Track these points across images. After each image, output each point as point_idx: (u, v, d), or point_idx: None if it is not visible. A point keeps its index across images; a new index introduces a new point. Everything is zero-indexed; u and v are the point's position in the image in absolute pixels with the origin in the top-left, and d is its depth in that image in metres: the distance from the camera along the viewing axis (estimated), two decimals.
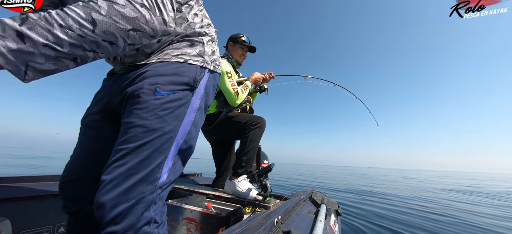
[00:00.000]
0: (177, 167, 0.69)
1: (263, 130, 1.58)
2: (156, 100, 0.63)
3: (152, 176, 0.59)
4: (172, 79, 0.66)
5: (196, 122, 0.73)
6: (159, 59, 0.69)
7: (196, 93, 0.72)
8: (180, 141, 0.67)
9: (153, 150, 0.60)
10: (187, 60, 0.71)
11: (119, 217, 0.54)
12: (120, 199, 0.55)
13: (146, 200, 0.58)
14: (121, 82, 0.70)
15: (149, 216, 0.58)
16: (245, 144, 1.50)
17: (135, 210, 0.56)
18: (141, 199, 0.57)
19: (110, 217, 0.54)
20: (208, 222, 1.21)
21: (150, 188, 0.59)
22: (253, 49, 1.85)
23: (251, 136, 1.51)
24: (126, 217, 0.55)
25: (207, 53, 0.78)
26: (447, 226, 3.29)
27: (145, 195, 0.57)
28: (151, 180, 0.59)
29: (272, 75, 1.95)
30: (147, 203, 0.58)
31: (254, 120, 1.55)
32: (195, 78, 0.71)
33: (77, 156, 0.74)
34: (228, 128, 1.62)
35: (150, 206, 0.59)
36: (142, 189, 0.57)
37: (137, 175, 0.57)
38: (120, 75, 0.74)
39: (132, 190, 0.56)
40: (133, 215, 0.55)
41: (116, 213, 0.54)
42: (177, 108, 0.66)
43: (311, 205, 1.53)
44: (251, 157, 1.50)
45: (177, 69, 0.68)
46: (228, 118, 1.62)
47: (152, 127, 0.61)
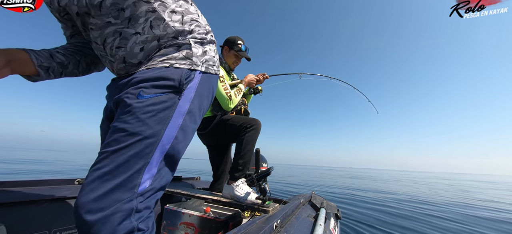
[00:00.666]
0: (163, 173, 0.65)
1: (259, 132, 1.57)
2: (138, 103, 0.61)
3: (130, 182, 0.56)
4: (156, 82, 0.65)
5: (185, 126, 0.70)
6: (146, 67, 0.69)
7: (185, 96, 0.69)
8: (166, 146, 0.64)
9: (131, 155, 0.57)
10: (173, 64, 0.69)
11: (94, 227, 0.51)
12: (94, 205, 0.52)
13: (123, 209, 0.54)
14: (114, 89, 0.72)
15: (131, 226, 0.56)
16: (241, 147, 1.49)
17: (111, 220, 0.53)
18: (117, 209, 0.53)
19: (86, 223, 0.51)
20: (206, 227, 1.19)
21: (128, 195, 0.56)
22: (248, 59, 1.83)
23: (246, 139, 1.50)
24: (101, 226, 0.52)
25: (195, 55, 0.74)
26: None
27: (121, 203, 0.54)
28: (129, 186, 0.56)
29: (266, 76, 1.93)
30: (126, 212, 0.55)
31: (249, 122, 1.54)
32: (181, 81, 0.68)
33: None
34: (223, 131, 1.62)
35: (131, 214, 0.56)
36: (118, 197, 0.54)
37: (113, 180, 0.54)
38: (115, 82, 0.76)
39: (107, 197, 0.53)
40: (109, 225, 0.52)
41: (91, 221, 0.51)
42: (160, 112, 0.63)
43: (311, 209, 1.52)
44: (247, 160, 1.49)
45: (162, 73, 0.67)
46: (223, 121, 1.61)
47: (133, 130, 0.59)
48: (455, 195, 8.63)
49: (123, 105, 0.63)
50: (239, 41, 1.76)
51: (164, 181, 0.66)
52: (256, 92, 2.00)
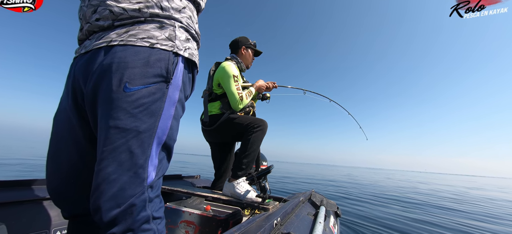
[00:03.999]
0: (164, 163, 0.67)
1: (265, 133, 1.58)
2: (127, 97, 0.58)
3: (138, 178, 0.57)
4: (142, 71, 0.60)
5: (177, 115, 0.69)
6: (122, 41, 0.62)
7: (173, 85, 0.66)
8: (162, 137, 0.63)
9: (130, 152, 0.57)
10: (153, 44, 0.63)
11: (116, 220, 0.54)
12: (112, 203, 0.54)
13: (139, 201, 0.57)
14: (84, 70, 0.64)
15: (146, 215, 0.58)
16: (246, 146, 1.49)
17: (130, 212, 0.55)
18: (133, 202, 0.56)
19: (107, 220, 0.54)
20: (207, 225, 1.20)
21: (140, 189, 0.57)
22: (259, 53, 1.92)
23: (252, 138, 1.50)
24: (122, 220, 0.55)
25: (179, 38, 0.69)
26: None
27: (136, 197, 0.56)
28: (139, 181, 0.57)
29: (275, 85, 1.96)
30: (141, 204, 0.57)
31: (257, 122, 1.54)
32: (168, 68, 0.64)
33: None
34: (229, 130, 1.61)
35: (145, 205, 0.58)
36: (131, 192, 0.56)
37: (120, 178, 0.55)
38: (81, 59, 0.67)
39: (121, 194, 0.55)
40: (129, 217, 0.55)
41: (112, 216, 0.54)
42: (152, 104, 0.61)
43: (310, 207, 1.53)
44: (251, 159, 1.49)
45: (146, 58, 0.61)
46: (230, 119, 1.60)
47: (126, 127, 0.57)
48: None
49: (107, 98, 0.58)
50: (249, 40, 1.83)
51: (166, 169, 0.68)
52: (264, 99, 2.03)
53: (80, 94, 0.66)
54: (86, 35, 0.69)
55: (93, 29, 0.67)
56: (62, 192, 0.71)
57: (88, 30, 0.68)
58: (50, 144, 0.72)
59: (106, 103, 0.58)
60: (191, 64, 0.75)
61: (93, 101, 0.62)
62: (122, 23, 0.65)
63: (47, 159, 0.71)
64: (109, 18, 0.65)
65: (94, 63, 0.62)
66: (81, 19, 0.71)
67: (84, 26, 0.69)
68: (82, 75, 0.64)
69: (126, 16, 0.64)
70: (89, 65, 0.63)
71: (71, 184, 0.70)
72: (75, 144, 0.70)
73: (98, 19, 0.65)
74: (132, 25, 0.65)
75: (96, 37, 0.66)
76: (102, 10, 0.64)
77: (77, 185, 0.70)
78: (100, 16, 0.65)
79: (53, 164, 0.71)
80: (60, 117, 0.72)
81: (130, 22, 0.65)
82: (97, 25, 0.66)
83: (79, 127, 0.69)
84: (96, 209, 0.55)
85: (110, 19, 0.65)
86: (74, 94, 0.68)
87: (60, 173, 0.70)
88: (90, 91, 0.61)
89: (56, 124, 0.72)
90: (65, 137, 0.70)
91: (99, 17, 0.65)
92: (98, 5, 0.65)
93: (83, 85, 0.64)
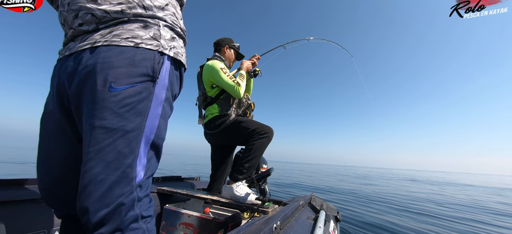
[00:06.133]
0: (152, 162, 0.66)
1: (270, 140, 1.56)
2: (112, 97, 0.57)
3: (126, 177, 0.57)
4: (127, 71, 0.60)
5: (164, 114, 0.68)
6: (106, 41, 0.61)
7: (159, 84, 0.65)
8: (150, 136, 0.63)
9: (118, 151, 0.56)
10: (138, 43, 0.63)
11: (104, 220, 0.54)
12: (100, 204, 0.53)
13: (127, 201, 0.56)
14: (69, 73, 0.63)
15: (135, 214, 0.58)
16: (250, 151, 1.47)
17: (118, 211, 0.55)
18: (121, 202, 0.55)
19: (95, 221, 0.53)
20: (206, 227, 1.19)
21: (128, 188, 0.57)
22: (242, 56, 1.93)
23: (257, 144, 1.48)
24: (110, 220, 0.54)
25: (163, 37, 0.68)
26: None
27: (124, 196, 0.56)
28: (127, 181, 0.57)
29: (258, 56, 1.96)
30: (130, 203, 0.57)
31: (263, 128, 1.53)
32: (153, 67, 0.63)
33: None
34: (235, 133, 1.58)
35: (134, 204, 0.58)
36: (120, 192, 0.55)
37: (108, 178, 0.54)
38: (65, 61, 0.66)
39: (109, 194, 0.54)
40: (117, 217, 0.55)
41: (99, 217, 0.53)
42: (138, 104, 0.60)
43: (310, 211, 1.52)
44: (253, 165, 1.48)
45: (131, 58, 0.61)
46: (237, 122, 1.58)
47: (113, 127, 0.56)
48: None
49: (93, 99, 0.57)
50: (232, 41, 1.86)
51: (155, 167, 0.68)
52: (256, 75, 2.02)
53: (65, 97, 0.66)
54: (71, 40, 0.69)
55: (77, 34, 0.67)
56: (54, 192, 0.71)
57: (73, 35, 0.67)
58: (39, 146, 0.72)
59: (91, 103, 0.57)
60: (177, 63, 0.74)
61: (78, 103, 0.61)
62: (106, 25, 0.64)
63: (38, 161, 0.72)
64: (93, 22, 0.64)
65: (78, 65, 0.61)
66: (63, 25, 0.70)
67: (67, 32, 0.69)
68: (67, 78, 0.64)
69: (109, 18, 0.64)
70: (73, 67, 0.62)
71: (63, 184, 0.70)
72: (64, 145, 0.70)
73: (81, 24, 0.65)
74: (116, 26, 0.64)
75: (80, 39, 0.65)
76: (84, 15, 0.64)
77: (69, 185, 0.70)
78: (83, 21, 0.64)
79: (44, 165, 0.71)
80: (47, 118, 0.72)
81: (113, 23, 0.64)
82: (81, 30, 0.65)
83: (67, 128, 0.70)
84: (83, 210, 0.54)
85: (93, 23, 0.64)
86: (59, 97, 0.68)
87: (51, 174, 0.70)
88: (74, 93, 0.61)
89: (44, 126, 0.72)
90: (53, 138, 0.70)
91: (82, 22, 0.64)
92: (78, 9, 0.64)
93: (68, 87, 0.64)
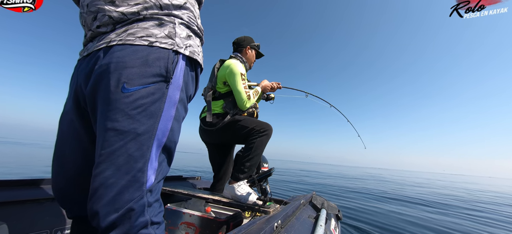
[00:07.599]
0: (164, 166, 0.65)
1: (270, 138, 1.55)
2: (125, 98, 0.56)
3: (137, 182, 0.56)
4: (140, 71, 0.58)
5: (178, 116, 0.66)
6: (121, 40, 0.60)
7: (173, 84, 0.63)
8: (162, 139, 0.62)
9: (129, 155, 0.55)
10: (152, 42, 0.61)
11: (114, 225, 0.53)
12: (109, 208, 0.53)
13: (137, 206, 0.55)
14: (86, 73, 0.64)
15: (145, 220, 0.57)
16: (250, 150, 1.47)
17: (128, 217, 0.54)
18: (131, 207, 0.54)
19: (104, 225, 0.53)
20: (207, 227, 1.19)
21: (138, 193, 0.56)
22: (261, 55, 1.92)
23: (257, 143, 1.47)
24: (119, 225, 0.54)
25: (179, 36, 0.66)
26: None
27: (134, 202, 0.55)
28: (137, 185, 0.56)
29: (280, 85, 1.94)
30: (140, 209, 0.56)
31: (262, 126, 1.52)
32: (167, 67, 0.62)
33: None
34: (233, 132, 1.56)
35: (144, 210, 0.57)
36: (130, 197, 0.54)
37: (118, 182, 0.54)
38: (84, 59, 0.67)
39: (119, 199, 0.53)
40: (126, 222, 0.54)
41: (109, 221, 0.53)
42: (151, 105, 0.59)
43: (311, 210, 1.52)
44: (254, 163, 1.47)
45: (145, 58, 0.60)
46: (235, 121, 1.56)
47: (124, 129, 0.55)
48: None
49: (105, 100, 0.57)
50: (253, 40, 1.82)
51: (166, 171, 0.67)
52: (268, 99, 2.03)
53: (82, 97, 0.66)
54: (90, 40, 0.70)
55: (96, 35, 0.67)
56: (67, 193, 0.71)
57: (91, 37, 0.68)
58: (55, 145, 0.72)
59: (104, 104, 0.57)
60: (193, 63, 0.72)
61: (93, 103, 0.61)
62: (122, 24, 0.64)
63: (53, 160, 0.72)
64: (110, 24, 0.64)
65: (94, 65, 0.61)
66: (83, 26, 0.71)
67: (87, 33, 0.69)
68: (84, 78, 0.64)
69: (126, 19, 0.64)
70: (89, 67, 0.63)
71: (76, 185, 0.70)
72: (79, 146, 0.70)
73: (99, 26, 0.65)
74: (131, 24, 0.64)
75: (97, 39, 0.66)
76: (101, 17, 0.64)
77: (82, 186, 0.70)
78: (101, 23, 0.65)
79: (58, 165, 0.71)
80: (65, 118, 0.72)
81: (129, 21, 0.64)
82: (99, 32, 0.66)
83: (82, 129, 0.69)
84: (93, 214, 0.54)
85: (111, 24, 0.64)
86: (76, 97, 0.68)
87: (65, 174, 0.70)
88: (89, 93, 0.61)
89: (62, 125, 0.72)
90: (69, 139, 0.70)
91: (99, 24, 0.65)
92: (97, 11, 0.64)
93: (84, 87, 0.64)
